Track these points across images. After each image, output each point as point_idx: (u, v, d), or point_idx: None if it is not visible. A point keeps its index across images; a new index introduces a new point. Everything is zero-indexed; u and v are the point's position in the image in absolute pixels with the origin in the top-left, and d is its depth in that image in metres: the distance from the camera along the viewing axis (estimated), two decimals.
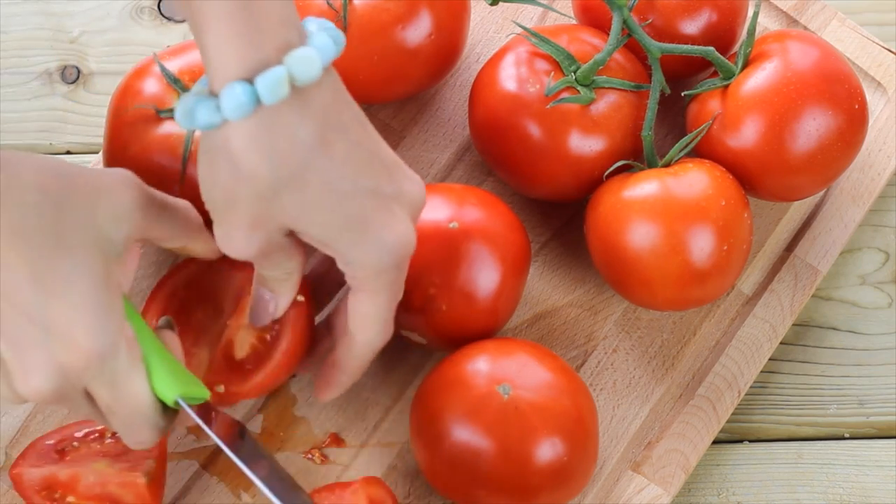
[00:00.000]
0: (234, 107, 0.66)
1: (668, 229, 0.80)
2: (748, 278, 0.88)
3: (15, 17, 0.94)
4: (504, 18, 0.93)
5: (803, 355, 0.89)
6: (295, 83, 0.67)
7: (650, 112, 0.83)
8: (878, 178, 0.89)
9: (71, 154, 0.92)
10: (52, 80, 0.93)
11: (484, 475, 0.77)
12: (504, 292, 0.81)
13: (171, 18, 0.95)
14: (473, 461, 0.77)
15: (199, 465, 0.84)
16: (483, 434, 0.77)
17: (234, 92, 0.66)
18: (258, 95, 0.66)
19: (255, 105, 0.66)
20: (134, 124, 0.81)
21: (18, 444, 0.84)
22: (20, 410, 0.85)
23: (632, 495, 0.83)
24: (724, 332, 0.87)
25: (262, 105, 0.67)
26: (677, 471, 0.84)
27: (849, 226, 0.89)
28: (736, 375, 0.86)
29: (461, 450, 0.78)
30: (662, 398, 0.86)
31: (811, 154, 0.82)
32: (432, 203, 0.80)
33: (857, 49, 0.92)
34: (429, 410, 0.79)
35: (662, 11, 0.85)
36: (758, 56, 0.84)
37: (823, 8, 0.92)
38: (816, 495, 0.86)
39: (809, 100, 0.81)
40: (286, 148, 0.68)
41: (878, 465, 0.86)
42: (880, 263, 0.90)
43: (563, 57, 0.84)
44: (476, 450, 0.77)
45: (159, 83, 0.82)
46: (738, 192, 0.82)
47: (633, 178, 0.82)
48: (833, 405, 0.88)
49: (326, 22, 0.70)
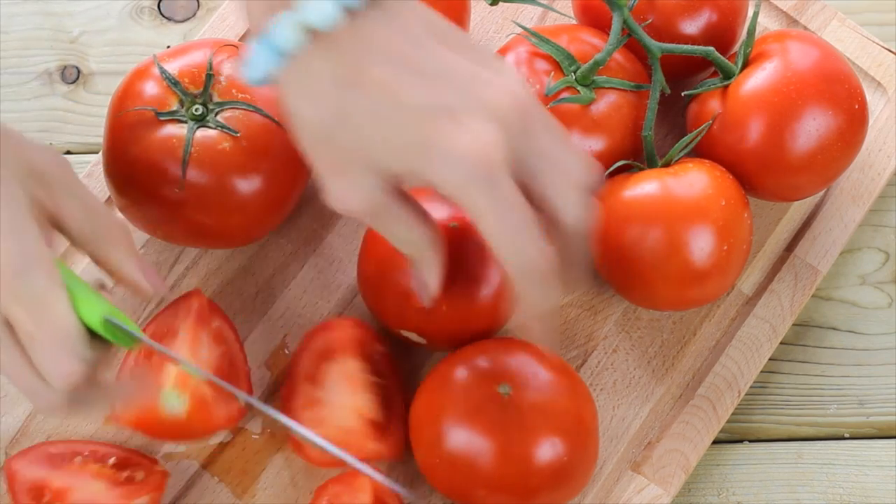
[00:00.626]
0: (317, 18, 0.66)
1: (668, 229, 0.80)
2: (748, 278, 0.88)
3: (15, 17, 0.94)
4: (504, 18, 0.93)
5: (803, 355, 0.89)
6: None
7: (650, 112, 0.83)
8: (878, 178, 0.89)
9: (71, 154, 0.92)
10: (52, 80, 0.93)
11: (484, 475, 0.77)
12: (504, 292, 0.81)
13: (171, 18, 0.95)
14: (473, 461, 0.77)
15: (199, 465, 0.84)
16: (483, 434, 0.77)
17: (316, 5, 0.66)
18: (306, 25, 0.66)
19: (335, 18, 0.66)
20: (134, 126, 0.81)
21: (18, 444, 0.84)
22: (20, 410, 0.85)
23: (632, 495, 0.84)
24: (724, 332, 0.87)
25: (300, 45, 0.66)
26: (677, 471, 0.84)
27: (849, 226, 0.89)
28: (736, 375, 0.86)
29: (461, 450, 0.78)
30: (662, 398, 0.86)
31: (811, 154, 0.82)
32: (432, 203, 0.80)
33: (857, 49, 0.92)
34: (428, 410, 0.79)
35: (662, 11, 0.85)
36: (758, 56, 0.84)
37: (823, 8, 0.92)
38: (816, 495, 0.86)
39: (809, 100, 0.82)
40: (319, 90, 0.67)
41: (878, 465, 0.86)
42: (880, 263, 0.90)
43: (563, 57, 0.84)
44: (476, 450, 0.77)
45: (159, 85, 0.82)
46: (738, 192, 0.82)
47: (633, 178, 0.82)
48: (833, 405, 0.88)
49: None
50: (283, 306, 0.87)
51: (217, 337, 0.83)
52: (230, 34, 0.91)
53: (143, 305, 0.86)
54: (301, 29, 0.67)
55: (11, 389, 0.85)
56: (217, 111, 0.81)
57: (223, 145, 0.81)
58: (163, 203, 0.81)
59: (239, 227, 0.83)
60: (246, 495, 0.84)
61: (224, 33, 0.91)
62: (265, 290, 0.87)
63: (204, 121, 0.81)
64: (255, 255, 0.88)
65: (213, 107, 0.81)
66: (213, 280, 0.87)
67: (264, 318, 0.87)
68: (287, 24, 0.67)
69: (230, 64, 0.82)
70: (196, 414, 0.80)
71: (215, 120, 0.81)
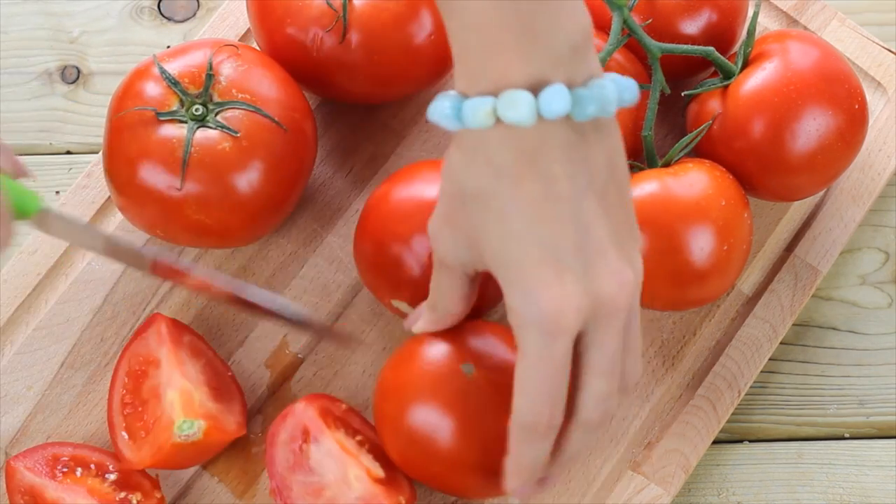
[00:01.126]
0: (512, 116, 0.67)
1: (668, 229, 0.80)
2: (748, 278, 0.88)
3: (15, 17, 0.94)
4: None
5: (803, 355, 0.89)
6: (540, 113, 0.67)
7: (650, 112, 0.83)
8: (878, 178, 0.89)
9: (71, 154, 0.92)
10: (52, 80, 0.93)
11: (443, 453, 0.77)
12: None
13: (171, 18, 0.95)
14: (433, 439, 0.77)
15: (199, 466, 0.84)
16: (443, 412, 0.77)
17: (515, 99, 0.67)
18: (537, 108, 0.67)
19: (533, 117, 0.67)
20: (134, 126, 0.81)
21: (18, 444, 0.84)
22: (20, 410, 0.85)
23: (632, 495, 0.84)
24: (724, 332, 0.87)
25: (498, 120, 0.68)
26: (677, 471, 0.84)
27: (849, 226, 0.89)
28: (736, 375, 0.86)
29: (421, 427, 0.77)
30: (662, 398, 0.86)
31: (811, 154, 0.82)
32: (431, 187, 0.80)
33: (857, 49, 0.92)
34: (391, 387, 0.79)
35: (662, 11, 0.85)
36: (758, 56, 0.84)
37: (823, 8, 0.92)
38: (816, 495, 0.86)
39: (809, 100, 0.81)
40: (481, 163, 0.68)
41: (878, 465, 0.86)
42: (880, 263, 0.90)
43: None
44: (436, 428, 0.77)
45: (159, 85, 0.82)
46: (738, 192, 0.82)
47: (634, 178, 0.82)
48: (833, 405, 0.88)
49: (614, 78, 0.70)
50: None
51: (194, 350, 0.83)
52: (230, 34, 0.91)
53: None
54: (494, 115, 0.67)
55: (11, 389, 0.85)
56: (217, 111, 0.81)
57: (223, 145, 0.80)
58: (163, 203, 0.81)
59: (239, 227, 0.83)
60: (246, 495, 0.84)
61: (224, 33, 0.91)
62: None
63: (204, 121, 0.81)
64: (255, 255, 0.88)
65: (213, 107, 0.81)
66: None
67: None
68: (483, 106, 0.67)
69: (230, 64, 0.82)
70: (211, 432, 0.80)
71: (215, 120, 0.81)
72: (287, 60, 0.85)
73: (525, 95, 0.67)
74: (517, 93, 0.67)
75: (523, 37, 0.67)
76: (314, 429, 0.81)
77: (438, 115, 0.69)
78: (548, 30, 0.67)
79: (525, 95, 0.67)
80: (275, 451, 0.80)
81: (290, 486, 0.79)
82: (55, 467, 0.81)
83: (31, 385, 0.85)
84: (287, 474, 0.80)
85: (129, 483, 0.82)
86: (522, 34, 0.67)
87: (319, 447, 0.80)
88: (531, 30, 0.67)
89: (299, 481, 0.80)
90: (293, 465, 0.80)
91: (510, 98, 0.67)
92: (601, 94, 0.67)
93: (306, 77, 0.86)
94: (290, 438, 0.81)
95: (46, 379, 0.85)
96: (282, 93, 0.83)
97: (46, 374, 0.85)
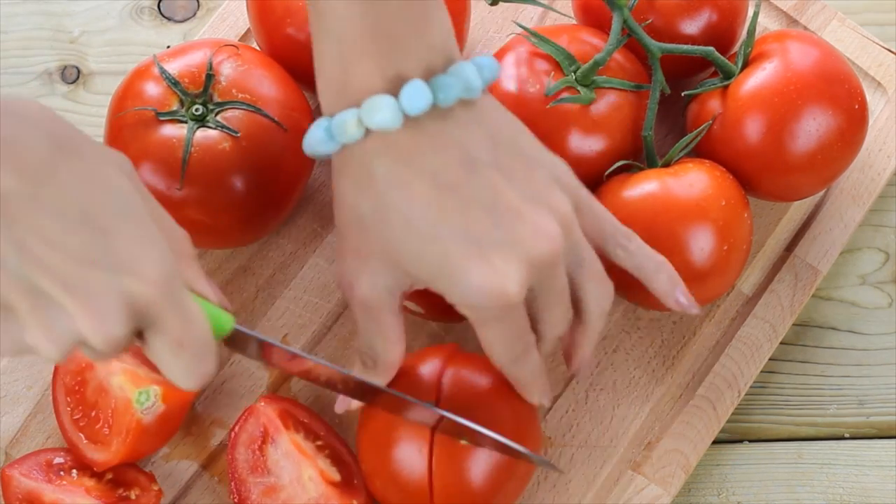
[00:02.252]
0: (378, 121, 0.68)
1: (668, 229, 0.80)
2: (748, 278, 0.88)
3: (15, 17, 0.94)
4: (504, 18, 0.93)
5: (803, 355, 0.89)
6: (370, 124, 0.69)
7: (650, 112, 0.83)
8: (878, 178, 0.89)
9: None
10: (52, 80, 0.93)
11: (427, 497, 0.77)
12: None
13: (171, 18, 0.95)
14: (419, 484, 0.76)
15: (199, 466, 0.84)
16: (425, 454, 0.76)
17: (379, 104, 0.68)
18: (402, 109, 0.68)
19: (398, 120, 0.68)
20: (134, 126, 0.81)
21: (18, 444, 0.84)
22: (20, 410, 0.85)
23: (632, 495, 0.84)
24: (724, 332, 0.87)
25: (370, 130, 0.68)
26: (677, 471, 0.84)
27: (849, 226, 0.89)
28: (736, 375, 0.86)
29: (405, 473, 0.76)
30: (662, 398, 0.86)
31: (811, 154, 0.82)
32: None
33: (857, 49, 0.92)
34: (373, 434, 0.78)
35: (662, 11, 0.85)
36: (758, 56, 0.84)
37: (823, 8, 0.92)
38: (816, 495, 0.86)
39: (809, 100, 0.82)
40: (365, 181, 0.69)
41: (878, 465, 0.86)
42: (880, 263, 0.90)
43: (563, 57, 0.84)
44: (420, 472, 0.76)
45: (159, 85, 0.82)
46: (738, 192, 0.82)
47: (634, 178, 0.82)
48: (833, 405, 0.88)
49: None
50: (283, 306, 0.87)
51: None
52: (230, 34, 0.91)
53: None
54: (361, 125, 0.68)
55: (11, 389, 0.85)
56: (217, 111, 0.81)
57: (223, 145, 0.81)
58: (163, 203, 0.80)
59: (239, 227, 0.83)
60: None
61: (224, 33, 0.91)
62: (265, 290, 0.87)
63: (204, 121, 0.81)
64: (255, 255, 0.88)
65: (213, 107, 0.81)
66: (213, 280, 0.87)
67: (264, 318, 0.87)
68: (349, 118, 0.68)
69: (230, 64, 0.82)
70: (168, 395, 0.80)
71: (215, 120, 0.81)
72: (287, 60, 0.85)
73: (386, 99, 0.68)
74: (377, 98, 0.68)
75: (382, 43, 0.68)
76: (272, 429, 0.81)
77: (315, 143, 0.70)
78: (407, 34, 0.68)
79: (386, 99, 0.68)
80: (235, 452, 0.81)
81: (248, 488, 0.80)
82: (51, 471, 0.81)
83: (31, 385, 0.85)
84: (246, 476, 0.81)
85: (126, 480, 0.82)
86: (381, 41, 0.68)
87: (277, 448, 0.81)
88: (390, 36, 0.68)
89: (257, 482, 0.81)
90: (252, 466, 0.81)
91: (371, 104, 0.68)
92: (461, 75, 0.68)
93: (306, 77, 0.85)
94: (249, 439, 0.81)
95: (46, 379, 0.85)
96: (282, 93, 0.83)
97: (46, 374, 0.85)
